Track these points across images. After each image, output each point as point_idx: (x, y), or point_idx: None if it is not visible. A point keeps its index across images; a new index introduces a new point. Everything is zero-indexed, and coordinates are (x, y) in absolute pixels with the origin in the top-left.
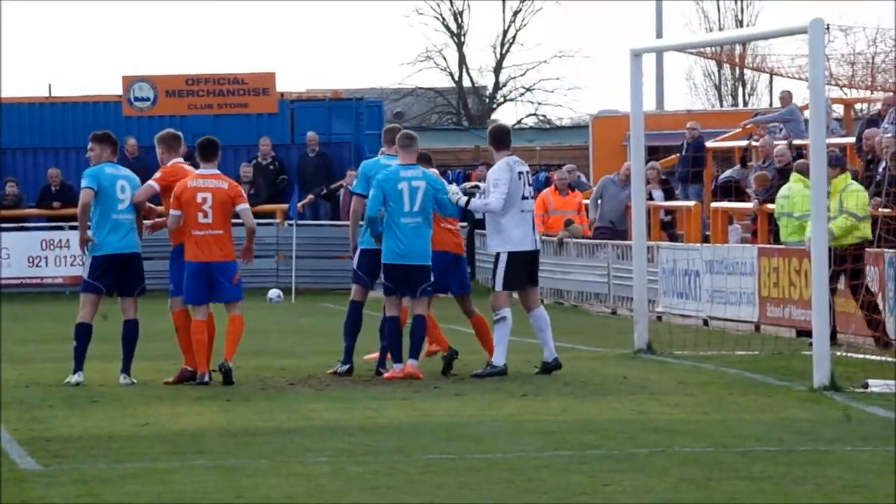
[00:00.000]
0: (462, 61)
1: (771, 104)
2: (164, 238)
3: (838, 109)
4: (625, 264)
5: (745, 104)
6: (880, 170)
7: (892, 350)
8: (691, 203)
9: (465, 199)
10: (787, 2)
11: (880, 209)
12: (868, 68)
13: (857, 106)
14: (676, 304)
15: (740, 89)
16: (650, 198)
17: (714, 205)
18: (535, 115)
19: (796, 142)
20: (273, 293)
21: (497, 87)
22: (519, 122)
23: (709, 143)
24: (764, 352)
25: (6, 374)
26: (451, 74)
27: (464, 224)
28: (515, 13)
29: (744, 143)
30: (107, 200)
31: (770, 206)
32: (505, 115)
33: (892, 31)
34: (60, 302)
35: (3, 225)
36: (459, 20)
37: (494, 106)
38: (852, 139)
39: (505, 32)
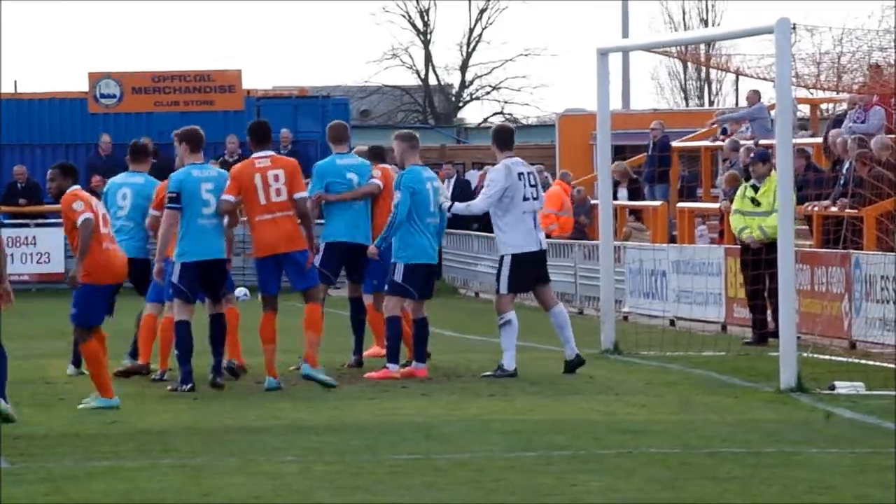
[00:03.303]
0: (428, 59)
1: (737, 104)
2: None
3: (804, 109)
4: (591, 264)
5: (711, 104)
6: (844, 170)
7: (858, 351)
8: (657, 203)
9: (448, 203)
10: (752, 1)
11: (846, 210)
12: (834, 68)
13: (823, 106)
14: (643, 305)
15: (706, 89)
16: (615, 196)
17: (680, 205)
18: (501, 113)
19: (762, 141)
20: (240, 291)
21: (463, 85)
22: (485, 120)
23: (675, 143)
24: (730, 352)
25: None
26: (418, 72)
27: None
28: (482, 11)
29: (710, 143)
30: None
31: None
32: (471, 114)
33: (858, 31)
34: (26, 299)
35: None
36: (426, 18)
37: (461, 104)
38: (819, 139)
39: (471, 30)
